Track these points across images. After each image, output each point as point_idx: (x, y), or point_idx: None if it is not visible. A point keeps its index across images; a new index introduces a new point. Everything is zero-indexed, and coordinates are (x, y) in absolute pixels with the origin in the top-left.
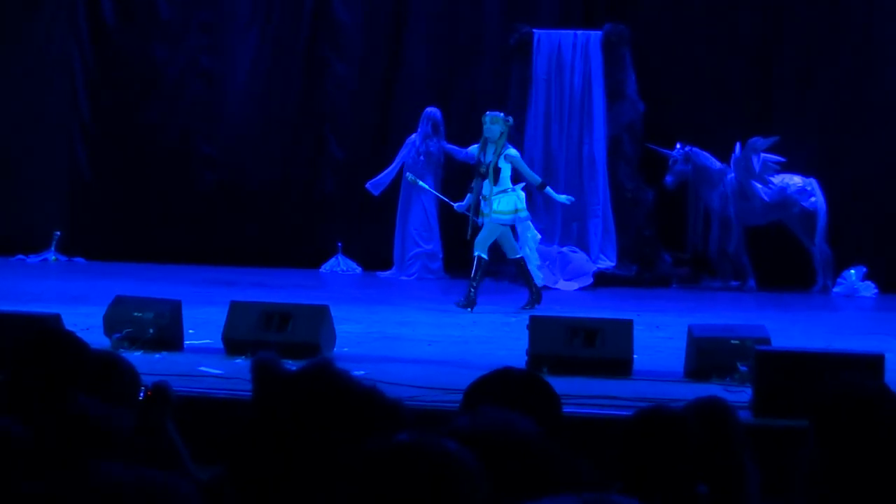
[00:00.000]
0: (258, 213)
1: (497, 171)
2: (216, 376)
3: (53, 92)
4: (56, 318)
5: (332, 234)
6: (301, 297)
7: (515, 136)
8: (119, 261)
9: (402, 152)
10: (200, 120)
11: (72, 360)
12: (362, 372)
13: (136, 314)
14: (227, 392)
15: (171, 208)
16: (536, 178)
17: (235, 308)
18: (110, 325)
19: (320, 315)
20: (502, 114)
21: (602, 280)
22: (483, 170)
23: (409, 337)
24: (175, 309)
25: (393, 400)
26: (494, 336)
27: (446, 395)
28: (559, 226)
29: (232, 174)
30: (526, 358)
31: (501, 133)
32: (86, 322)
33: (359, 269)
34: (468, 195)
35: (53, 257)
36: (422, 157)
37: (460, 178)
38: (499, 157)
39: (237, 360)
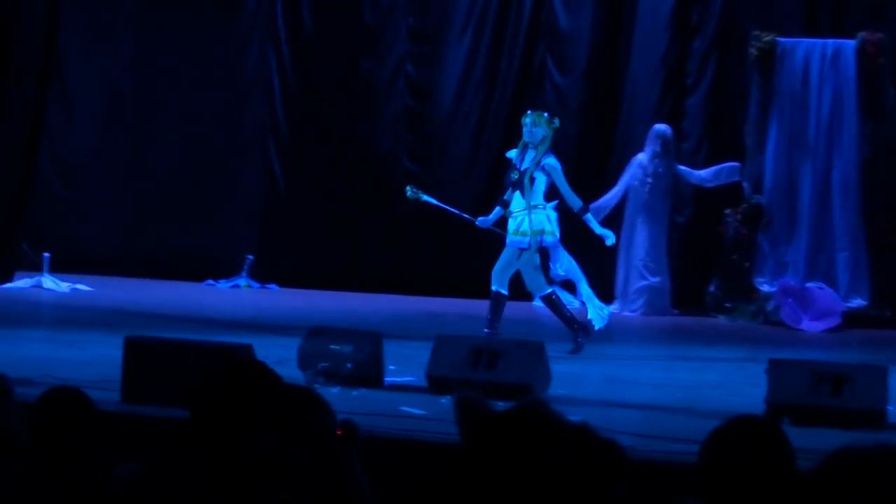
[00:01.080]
0: (466, 239)
1: (531, 181)
2: (419, 417)
3: (248, 105)
4: (247, 349)
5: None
6: (513, 333)
7: (756, 157)
8: (315, 288)
9: (627, 174)
10: (406, 134)
11: (262, 395)
12: (579, 417)
13: (333, 347)
14: (430, 434)
15: (373, 231)
16: (577, 200)
17: (441, 343)
18: (305, 359)
19: (534, 352)
20: (547, 114)
21: (852, 320)
22: (516, 178)
23: (632, 379)
24: (375, 342)
25: (610, 444)
26: (728, 381)
27: (673, 445)
28: (803, 258)
29: (438, 194)
30: (764, 406)
31: (544, 137)
32: (279, 354)
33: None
34: (496, 208)
35: (245, 283)
36: (649, 180)
37: (693, 204)
38: (537, 164)
39: (442, 400)
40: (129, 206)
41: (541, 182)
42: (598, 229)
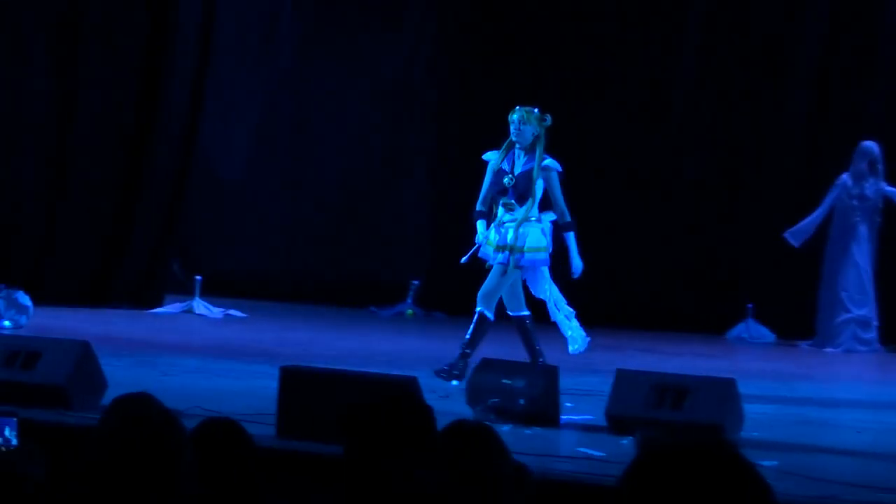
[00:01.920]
0: (646, 268)
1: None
2: (598, 459)
3: (414, 121)
4: (412, 382)
5: (741, 293)
6: (701, 368)
7: None
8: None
9: (832, 195)
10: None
11: (422, 431)
12: (774, 462)
13: (504, 381)
14: (610, 478)
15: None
16: (566, 214)
17: (622, 378)
18: (474, 393)
19: (725, 390)
20: (537, 110)
21: None
22: (509, 183)
23: (834, 421)
24: (550, 377)
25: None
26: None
27: (882, 495)
28: None
29: (618, 221)
30: None
31: (536, 137)
32: (445, 388)
33: (771, 337)
34: (479, 221)
35: (410, 311)
36: (854, 201)
37: None
38: (540, 168)
39: (622, 441)
40: (285, 228)
41: (540, 189)
42: (575, 255)
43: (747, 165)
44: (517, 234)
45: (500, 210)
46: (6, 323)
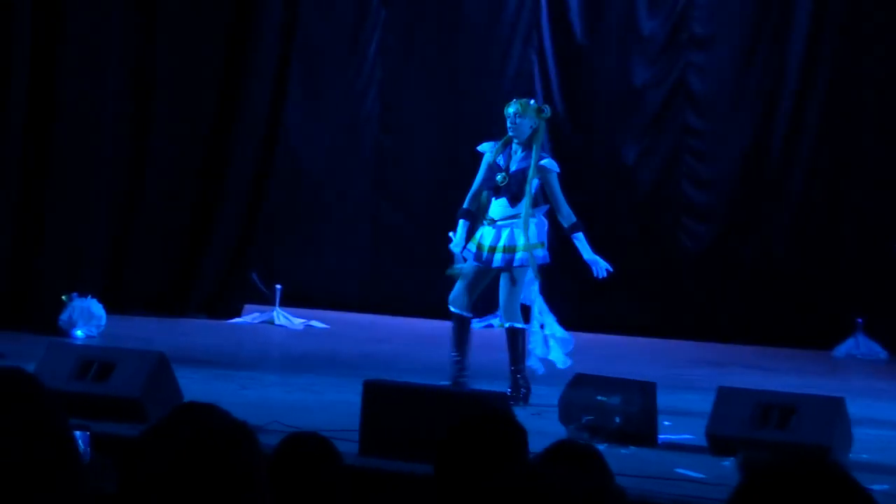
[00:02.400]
0: (752, 280)
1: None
2: (697, 481)
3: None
4: (502, 398)
5: (850, 306)
6: (808, 387)
7: None
8: (581, 330)
9: None
10: (688, 155)
11: (515, 451)
12: (885, 486)
13: (599, 398)
14: (710, 501)
15: (644, 267)
16: (570, 214)
17: (724, 396)
18: (568, 410)
19: (833, 409)
20: (534, 101)
21: None
22: (502, 181)
23: None
24: (648, 394)
25: None
26: None
27: None
28: None
29: (723, 228)
30: None
31: (534, 131)
32: (537, 404)
33: (884, 354)
34: (461, 221)
35: (500, 322)
36: None
37: None
38: (537, 165)
39: (724, 463)
40: (371, 236)
41: (535, 186)
42: (589, 253)
43: (852, 171)
44: (513, 234)
45: (492, 207)
46: (78, 332)
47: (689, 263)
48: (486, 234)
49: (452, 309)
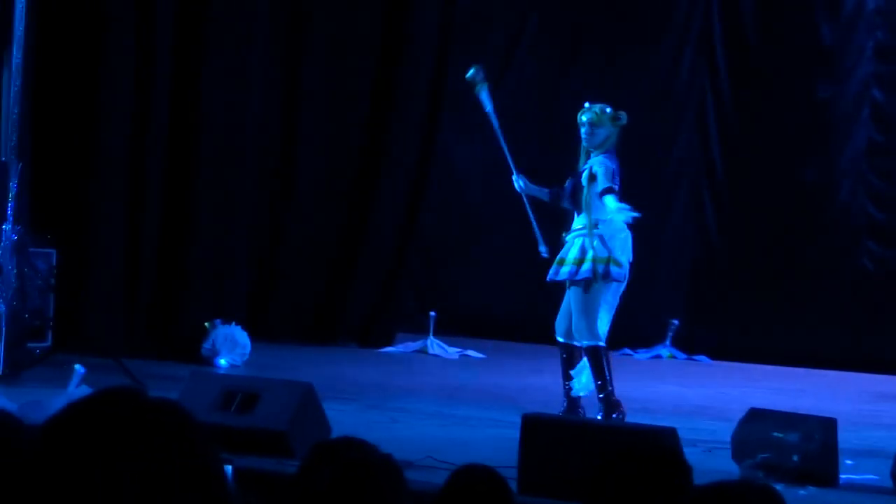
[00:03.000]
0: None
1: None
2: None
3: (676, 140)
4: (671, 434)
5: None
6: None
7: None
8: (753, 362)
9: None
10: (870, 175)
11: (679, 492)
12: None
13: (775, 434)
14: None
15: (826, 293)
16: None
17: None
18: (742, 447)
19: None
20: (610, 108)
21: None
22: (568, 189)
23: None
24: (828, 430)
25: None
26: None
27: None
28: None
29: None
30: None
31: (606, 138)
32: (708, 441)
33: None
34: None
35: (668, 353)
36: None
37: None
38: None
39: None
40: (529, 261)
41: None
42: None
43: None
44: (583, 246)
45: (575, 219)
46: (222, 361)
47: (871, 287)
48: (563, 248)
49: (556, 336)
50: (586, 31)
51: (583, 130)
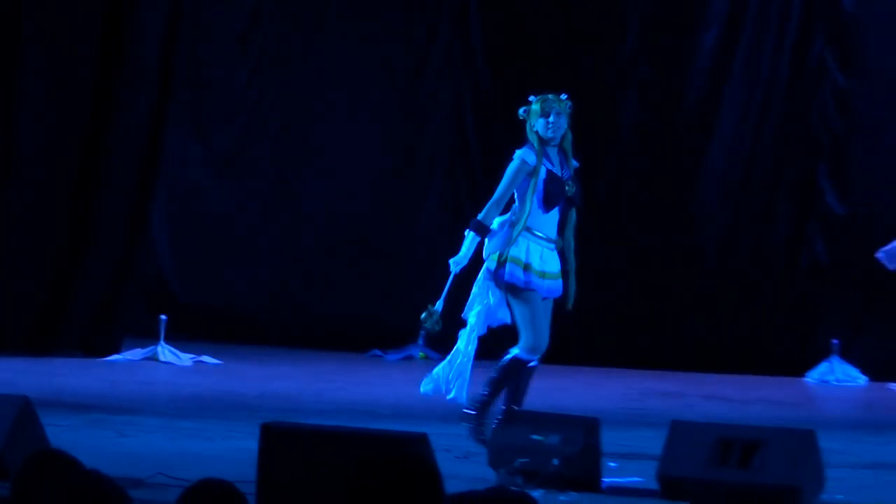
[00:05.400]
0: (713, 297)
1: None
2: None
3: (429, 139)
4: (422, 441)
5: (824, 328)
6: (776, 419)
7: None
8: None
9: None
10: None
11: (423, 498)
12: None
13: (534, 437)
14: None
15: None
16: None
17: (678, 431)
18: (498, 453)
19: (803, 444)
20: (567, 96)
21: None
22: (570, 191)
23: None
24: (591, 431)
25: None
26: None
27: None
28: None
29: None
30: None
31: (566, 131)
32: (464, 446)
33: (863, 379)
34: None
35: (421, 354)
36: None
37: None
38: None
39: None
40: (269, 259)
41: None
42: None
43: (830, 186)
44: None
45: (545, 222)
46: None
47: (643, 287)
48: (550, 257)
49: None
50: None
51: (562, 122)
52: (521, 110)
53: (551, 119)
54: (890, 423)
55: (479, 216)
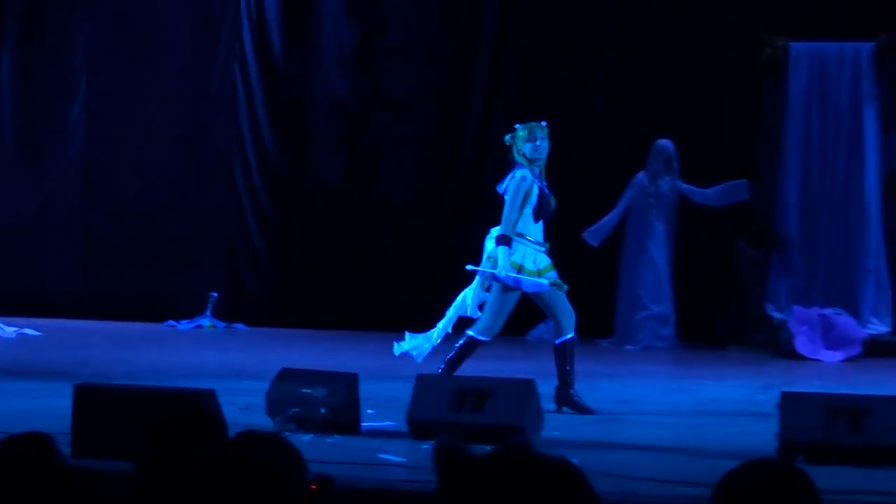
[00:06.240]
0: (453, 271)
1: None
2: (399, 465)
3: (213, 132)
4: (209, 395)
5: None
6: (502, 370)
7: (768, 172)
8: (286, 327)
9: (628, 194)
10: (385, 156)
11: (210, 445)
12: (575, 460)
13: (304, 391)
14: (412, 483)
15: (350, 265)
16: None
17: (423, 383)
18: (274, 404)
19: (525, 391)
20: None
21: (874, 349)
22: (554, 206)
23: (633, 418)
24: (351, 384)
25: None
26: (739, 417)
27: (676, 489)
28: (821, 282)
29: (420, 225)
30: (776, 444)
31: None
32: (246, 400)
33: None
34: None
35: (209, 323)
36: (651, 199)
37: (699, 224)
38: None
39: (424, 446)
40: (80, 241)
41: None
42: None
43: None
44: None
45: (536, 231)
46: None
47: (391, 259)
48: (542, 258)
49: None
50: (126, 33)
51: (546, 144)
52: (507, 137)
53: (538, 143)
54: (594, 372)
55: (502, 231)
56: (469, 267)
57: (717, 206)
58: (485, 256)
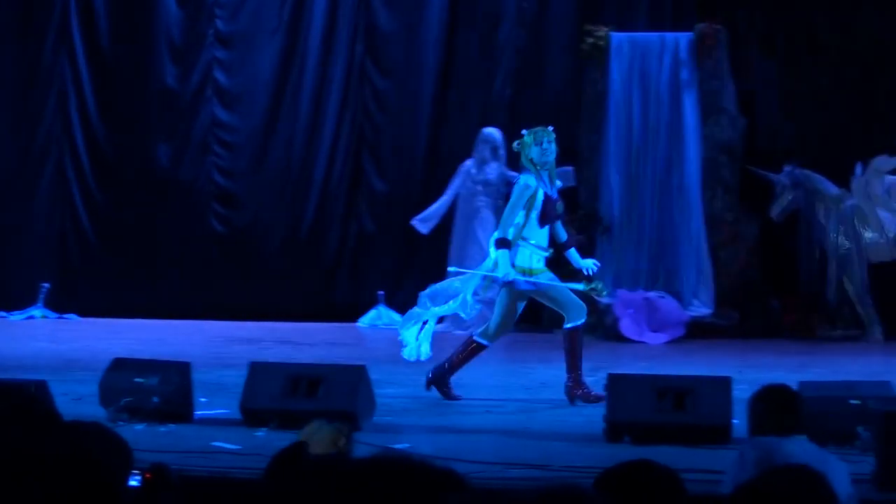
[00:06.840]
0: (284, 258)
1: None
2: (233, 452)
3: (42, 121)
4: (41, 386)
5: (372, 281)
6: (334, 357)
7: (591, 159)
8: (118, 317)
9: (456, 181)
10: (216, 146)
11: (39, 437)
12: (406, 445)
13: (137, 380)
14: (246, 471)
15: (180, 253)
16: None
17: (255, 371)
18: (107, 394)
19: (356, 377)
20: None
21: (696, 330)
22: (560, 210)
23: (462, 404)
24: (184, 373)
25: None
26: (566, 399)
27: (507, 471)
28: (644, 266)
29: (252, 213)
30: (603, 424)
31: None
32: (78, 391)
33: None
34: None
35: (41, 314)
36: (478, 187)
37: None
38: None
39: (258, 433)
40: None
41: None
42: (579, 262)
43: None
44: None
45: (544, 236)
46: None
47: (220, 244)
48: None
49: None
50: None
51: (553, 148)
52: (515, 143)
53: (545, 146)
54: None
55: (501, 235)
56: (452, 269)
57: None
58: (490, 261)
